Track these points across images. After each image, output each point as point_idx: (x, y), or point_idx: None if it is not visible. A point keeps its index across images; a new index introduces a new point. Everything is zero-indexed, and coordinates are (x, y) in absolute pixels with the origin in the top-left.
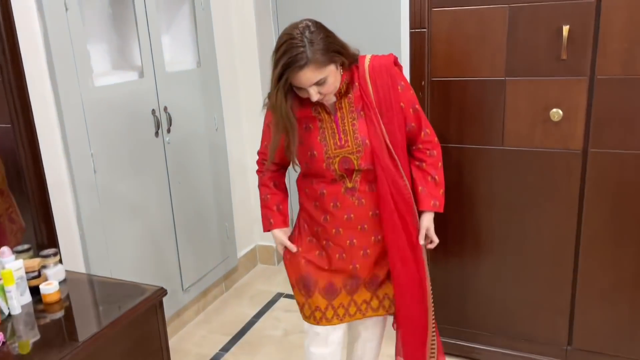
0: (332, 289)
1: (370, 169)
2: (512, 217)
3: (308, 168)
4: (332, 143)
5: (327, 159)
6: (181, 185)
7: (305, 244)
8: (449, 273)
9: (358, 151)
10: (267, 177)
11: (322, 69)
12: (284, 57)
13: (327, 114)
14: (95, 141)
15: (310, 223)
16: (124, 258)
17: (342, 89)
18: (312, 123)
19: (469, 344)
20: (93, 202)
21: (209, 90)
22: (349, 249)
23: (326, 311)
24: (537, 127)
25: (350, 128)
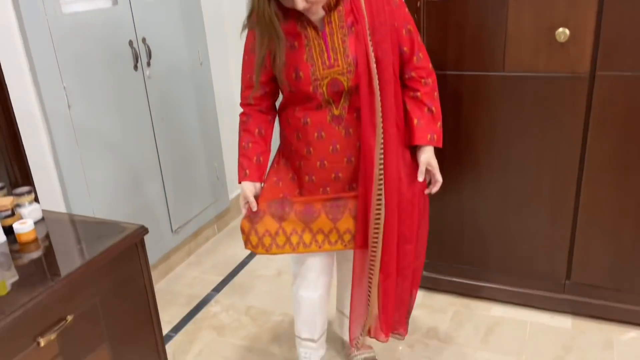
0: (310, 211)
1: (359, 92)
2: (513, 148)
3: (292, 92)
4: (320, 62)
5: (315, 80)
6: (165, 122)
7: (286, 181)
8: (445, 208)
9: (349, 71)
10: (252, 123)
11: None
12: None
13: (314, 30)
14: (68, 74)
15: (292, 157)
16: (106, 199)
17: (331, 1)
18: (298, 40)
19: (466, 281)
20: (69, 140)
21: (191, 21)
22: (333, 184)
23: (303, 234)
24: (541, 50)
25: (340, 45)
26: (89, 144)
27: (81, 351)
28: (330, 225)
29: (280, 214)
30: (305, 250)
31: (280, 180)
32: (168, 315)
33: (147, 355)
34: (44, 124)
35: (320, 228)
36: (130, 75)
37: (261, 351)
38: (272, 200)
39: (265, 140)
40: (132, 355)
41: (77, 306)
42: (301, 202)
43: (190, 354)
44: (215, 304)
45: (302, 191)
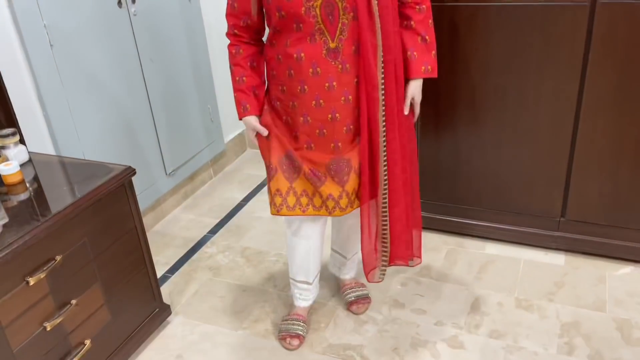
0: (316, 174)
1: (357, 20)
2: (510, 82)
3: (282, 18)
4: None
5: (307, 1)
6: (154, 63)
7: (281, 126)
8: (440, 145)
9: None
10: (242, 55)
11: None
12: None
13: None
14: (48, 12)
15: (284, 98)
16: (96, 142)
17: None
18: None
19: (461, 220)
20: (54, 81)
21: None
22: (330, 125)
23: (313, 197)
24: None
25: None
26: (74, 86)
27: (72, 290)
28: (339, 189)
29: (290, 173)
30: (315, 213)
31: (278, 128)
32: (164, 257)
33: (141, 295)
34: (26, 64)
35: (330, 193)
36: (114, 12)
37: (256, 290)
38: (282, 156)
39: (259, 73)
40: (126, 295)
41: (65, 246)
42: (307, 160)
43: (186, 294)
44: (211, 245)
45: (298, 134)
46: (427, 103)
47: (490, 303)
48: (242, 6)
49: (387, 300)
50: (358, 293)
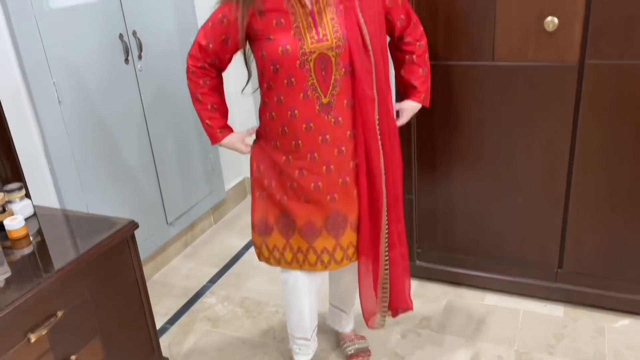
0: (311, 227)
1: (348, 76)
2: (503, 137)
3: (276, 72)
4: (309, 37)
5: (302, 55)
6: (158, 115)
7: (275, 181)
8: (436, 196)
9: (338, 46)
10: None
11: None
12: None
13: (302, 7)
14: (58, 69)
15: (277, 154)
16: (100, 193)
17: None
18: (284, 17)
19: (459, 270)
20: (61, 135)
21: (182, 11)
22: (325, 177)
23: (308, 254)
24: (530, 39)
25: (328, 22)
26: (80, 139)
27: (72, 346)
28: (333, 242)
29: (286, 230)
30: (311, 269)
31: (272, 184)
32: (163, 308)
33: (140, 348)
34: (35, 120)
35: (324, 247)
36: (121, 69)
37: (255, 342)
38: (278, 214)
39: (224, 101)
40: (125, 349)
41: (67, 301)
42: (303, 214)
43: (185, 346)
44: (210, 295)
45: (294, 184)
46: (422, 153)
47: (491, 356)
48: (217, 49)
49: (387, 353)
50: (358, 346)
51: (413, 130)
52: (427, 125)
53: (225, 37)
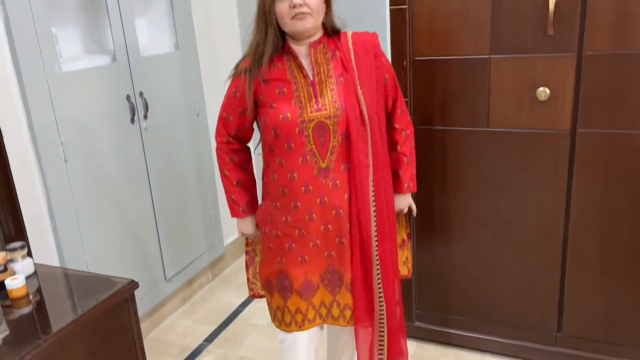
0: (308, 286)
1: (345, 142)
2: (499, 200)
3: (277, 137)
4: (308, 106)
5: (301, 123)
6: (161, 172)
7: (273, 243)
8: (435, 258)
9: (336, 115)
10: (235, 163)
11: None
12: None
13: (304, 77)
14: (66, 129)
15: (277, 213)
16: (100, 249)
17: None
18: (287, 87)
19: (456, 331)
20: (65, 193)
21: (188, 73)
22: (323, 236)
23: (307, 312)
24: (523, 107)
25: (328, 92)
26: (84, 197)
27: None
28: (330, 298)
29: (284, 293)
30: (310, 326)
31: (274, 246)
32: None
33: None
34: (40, 178)
35: (322, 301)
36: (127, 129)
37: None
38: (278, 275)
39: (251, 175)
40: None
41: None
42: (299, 278)
43: None
44: (207, 354)
45: (293, 246)
46: (420, 216)
47: None
48: (237, 120)
49: None
50: None
51: None
52: (425, 188)
53: (242, 109)
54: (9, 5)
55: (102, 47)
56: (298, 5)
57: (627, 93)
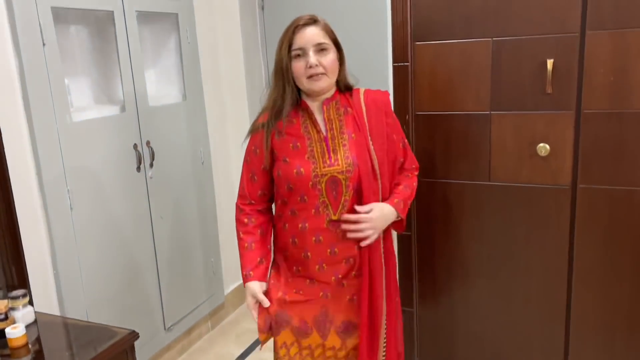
0: (304, 327)
1: (357, 196)
2: (502, 253)
3: (290, 190)
4: (321, 161)
5: (315, 177)
6: (164, 219)
7: (283, 287)
8: (438, 311)
9: (348, 171)
10: (254, 225)
11: (327, 37)
12: (293, 21)
13: (317, 133)
14: (73, 177)
15: (288, 263)
16: (101, 297)
17: (333, 103)
18: (301, 141)
19: None
20: (69, 240)
21: (195, 123)
22: (335, 286)
23: (291, 347)
24: (524, 162)
25: (340, 148)
26: (87, 244)
27: None
28: (319, 341)
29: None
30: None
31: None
32: None
33: None
34: (45, 225)
35: (309, 344)
36: (132, 176)
37: None
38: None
39: (267, 242)
40: None
41: None
42: (297, 317)
43: None
44: None
45: (303, 292)
46: (424, 268)
47: None
48: (262, 179)
49: None
50: None
51: (414, 243)
52: (427, 239)
53: (263, 166)
54: (25, 57)
55: (112, 98)
56: (314, 65)
57: (626, 150)
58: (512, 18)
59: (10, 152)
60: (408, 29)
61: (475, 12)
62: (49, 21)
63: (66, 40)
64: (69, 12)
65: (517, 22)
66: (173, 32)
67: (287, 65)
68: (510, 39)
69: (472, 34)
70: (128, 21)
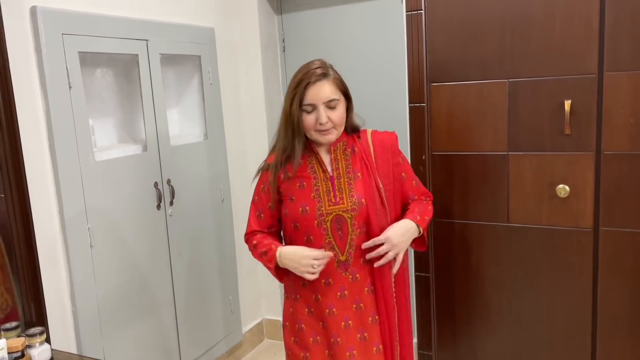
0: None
1: (364, 236)
2: (523, 297)
3: (296, 229)
4: (327, 200)
5: (320, 216)
6: (183, 257)
7: (296, 332)
8: (456, 354)
9: (353, 209)
10: (264, 237)
11: (337, 91)
12: (304, 74)
13: (323, 172)
14: (94, 215)
15: (299, 306)
16: (119, 334)
17: (340, 144)
18: (307, 181)
19: None
20: (88, 278)
21: (215, 162)
22: (344, 333)
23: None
24: (543, 204)
25: (346, 187)
26: (105, 282)
27: None
28: None
29: None
30: None
31: (299, 339)
32: None
33: None
34: (66, 263)
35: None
36: (152, 214)
37: None
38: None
39: (277, 238)
40: None
41: None
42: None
43: None
44: None
45: (317, 337)
46: (443, 312)
47: None
48: (268, 217)
49: None
50: None
51: (432, 284)
52: (445, 280)
53: (270, 204)
54: (52, 99)
55: (135, 137)
56: (324, 122)
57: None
58: (528, 59)
59: (34, 190)
60: (424, 71)
61: (490, 54)
62: (75, 65)
63: (92, 82)
64: (95, 56)
65: (533, 63)
66: (196, 73)
67: (298, 120)
68: (527, 80)
69: (488, 75)
70: (152, 64)
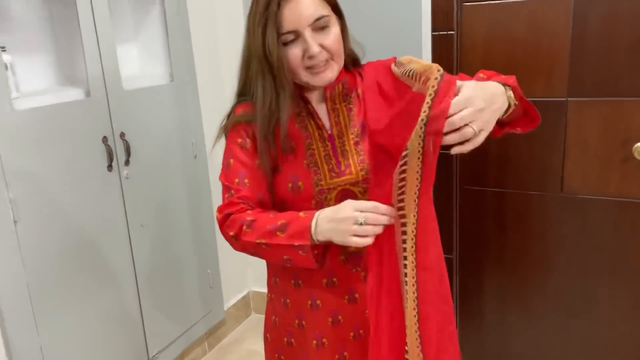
0: None
1: None
2: (577, 287)
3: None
4: (327, 169)
5: (319, 193)
6: (145, 228)
7: (283, 348)
8: (484, 348)
9: (365, 180)
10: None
11: (324, 5)
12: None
13: (319, 130)
14: (17, 183)
15: (288, 316)
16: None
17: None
18: (297, 142)
19: None
20: (13, 263)
21: (184, 109)
22: (352, 344)
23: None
24: (613, 168)
25: (352, 148)
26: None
27: None
28: None
29: None
30: None
31: (284, 357)
32: None
33: None
34: None
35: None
36: (102, 177)
37: None
38: None
39: None
40: None
41: None
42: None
43: None
44: None
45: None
46: (467, 297)
47: None
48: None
49: None
50: None
51: (455, 267)
52: (472, 261)
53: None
54: None
55: (73, 79)
56: (316, 54)
57: None
58: None
59: None
60: None
61: None
62: None
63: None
64: None
65: None
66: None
67: (279, 59)
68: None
69: None
70: None
